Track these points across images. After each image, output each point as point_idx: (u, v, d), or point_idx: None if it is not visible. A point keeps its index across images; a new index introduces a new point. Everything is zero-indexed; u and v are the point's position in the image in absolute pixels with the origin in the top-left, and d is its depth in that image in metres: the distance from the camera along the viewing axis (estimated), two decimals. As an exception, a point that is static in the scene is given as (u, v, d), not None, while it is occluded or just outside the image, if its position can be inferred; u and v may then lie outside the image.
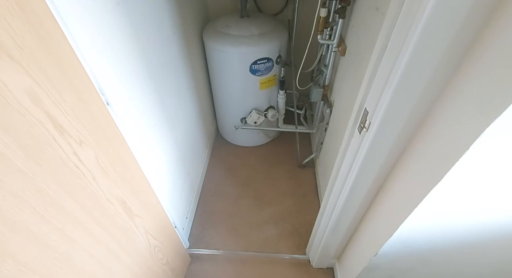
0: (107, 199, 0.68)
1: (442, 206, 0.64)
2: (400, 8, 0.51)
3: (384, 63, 0.58)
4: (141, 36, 0.90)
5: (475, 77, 0.48)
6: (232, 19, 1.49)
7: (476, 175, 0.55)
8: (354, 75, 1.09)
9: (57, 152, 0.52)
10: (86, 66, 0.59)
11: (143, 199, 0.88)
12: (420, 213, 0.66)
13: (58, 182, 0.53)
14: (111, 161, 0.69)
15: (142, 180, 0.87)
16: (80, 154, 0.58)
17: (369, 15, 0.95)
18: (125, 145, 0.76)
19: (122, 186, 0.75)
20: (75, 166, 0.57)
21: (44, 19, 0.47)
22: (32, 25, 0.44)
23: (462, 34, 0.47)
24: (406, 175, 0.70)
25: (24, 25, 0.42)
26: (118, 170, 0.72)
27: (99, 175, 0.64)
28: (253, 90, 1.58)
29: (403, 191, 0.71)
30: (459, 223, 0.70)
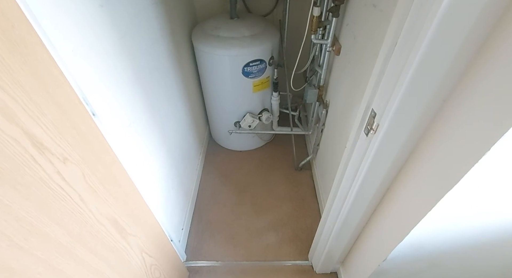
0: (97, 220, 0.62)
1: (456, 209, 0.62)
2: (411, 2, 0.48)
3: (394, 62, 0.54)
4: (128, 39, 0.83)
5: (494, 70, 0.45)
6: (221, 20, 1.45)
7: (493, 177, 0.53)
8: (351, 75, 1.06)
9: (37, 173, 0.45)
10: (68, 74, 0.52)
11: (136, 215, 0.81)
12: (433, 217, 0.63)
13: (39, 207, 0.47)
14: (100, 177, 0.62)
15: (135, 194, 0.81)
16: (65, 173, 0.51)
17: (365, 12, 0.93)
18: (115, 158, 0.69)
19: (114, 204, 0.68)
20: (59, 187, 0.50)
21: (16, 23, 0.40)
22: (2, 29, 0.38)
23: (480, 26, 0.44)
24: (416, 177, 0.67)
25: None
26: (108, 187, 0.65)
27: (87, 194, 0.58)
28: (246, 93, 1.54)
29: (414, 194, 0.68)
30: (472, 224, 0.68)
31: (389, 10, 0.75)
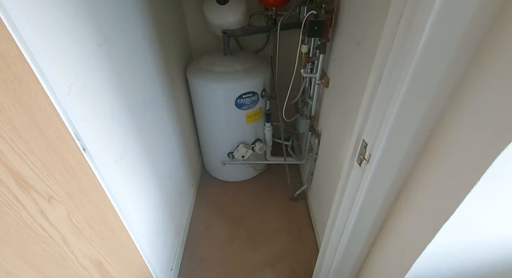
0: (79, 263, 0.57)
1: (455, 241, 0.60)
2: (392, 41, 0.52)
3: (380, 95, 0.57)
4: (123, 76, 0.86)
5: (474, 102, 0.47)
6: (215, 56, 1.52)
7: (487, 207, 0.53)
8: (340, 106, 1.10)
9: (18, 215, 0.43)
10: (60, 110, 0.53)
11: (122, 255, 0.76)
12: (433, 250, 0.61)
13: (17, 252, 0.43)
14: (87, 215, 0.59)
15: (122, 232, 0.76)
16: (48, 213, 0.48)
17: (350, 50, 0.99)
18: (104, 194, 0.67)
19: (98, 243, 0.64)
20: (41, 229, 0.47)
21: (12, 62, 0.41)
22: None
23: (457, 63, 0.48)
24: (412, 207, 0.66)
25: (-13, 70, 0.37)
26: (94, 226, 0.62)
27: (71, 234, 0.54)
28: (240, 124, 1.56)
29: (412, 225, 0.67)
30: (471, 257, 0.66)
31: (372, 48, 0.81)
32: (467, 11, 0.42)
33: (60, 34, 0.57)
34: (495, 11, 0.42)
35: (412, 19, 0.47)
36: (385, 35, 0.53)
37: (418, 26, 0.45)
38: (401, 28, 0.49)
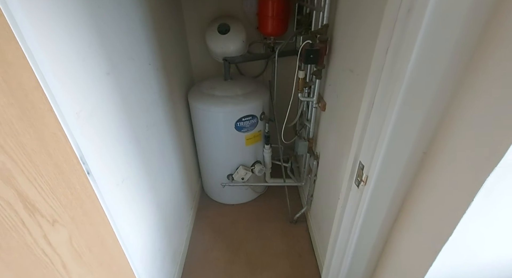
0: (77, 290, 0.56)
1: (455, 263, 0.60)
2: (381, 70, 0.56)
3: (373, 120, 0.60)
4: (129, 101, 0.90)
5: (462, 126, 0.50)
6: (216, 81, 1.58)
7: (484, 227, 0.53)
8: (337, 128, 1.14)
9: (23, 238, 0.43)
10: (69, 135, 0.55)
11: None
12: (435, 273, 0.61)
13: (18, 276, 0.43)
14: (87, 240, 0.59)
15: (120, 258, 0.75)
16: (51, 237, 0.49)
17: (343, 76, 1.05)
18: (105, 218, 0.67)
19: (97, 269, 0.63)
20: (43, 253, 0.47)
21: (31, 92, 0.44)
22: (17, 98, 0.41)
23: (444, 86, 0.51)
24: (411, 229, 0.67)
25: (8, 99, 0.39)
26: (94, 250, 0.62)
27: (71, 260, 0.54)
28: (239, 147, 1.59)
29: (412, 247, 0.67)
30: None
31: (364, 74, 0.86)
32: (448, 43, 0.47)
33: (74, 64, 0.61)
34: (475, 43, 0.46)
35: (398, 51, 0.51)
36: (374, 65, 0.58)
37: (403, 57, 0.50)
38: (388, 59, 0.54)
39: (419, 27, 0.45)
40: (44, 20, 0.52)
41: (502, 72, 0.41)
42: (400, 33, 0.49)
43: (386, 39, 0.53)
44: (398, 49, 0.51)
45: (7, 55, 0.39)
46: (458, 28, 0.44)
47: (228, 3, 1.60)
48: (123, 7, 0.88)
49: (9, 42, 0.40)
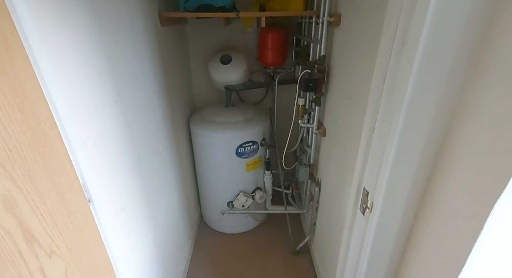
0: None
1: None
2: (379, 97, 0.58)
3: (375, 146, 0.61)
4: (133, 128, 0.91)
5: (465, 148, 0.51)
6: (217, 108, 1.63)
7: (496, 258, 0.52)
8: (338, 154, 1.14)
9: (18, 271, 0.41)
10: (74, 162, 0.55)
11: (114, 320, 0.69)
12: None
13: (9, 314, 0.40)
14: (83, 272, 0.56)
15: (116, 292, 0.71)
16: (47, 269, 0.47)
17: (342, 103, 1.09)
18: (103, 249, 0.65)
19: (92, 305, 0.59)
20: (38, 287, 0.45)
21: (43, 120, 0.46)
22: (29, 126, 0.42)
23: (442, 114, 0.53)
24: (422, 258, 0.64)
25: (21, 128, 0.41)
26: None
27: (66, 294, 0.51)
28: (240, 173, 1.58)
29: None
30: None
31: (362, 102, 0.89)
32: (443, 72, 0.49)
33: (84, 92, 0.64)
34: (468, 70, 0.49)
35: (395, 80, 0.54)
36: (373, 93, 0.60)
37: (400, 86, 0.52)
38: (386, 88, 0.56)
39: (413, 59, 0.48)
40: (60, 52, 0.55)
41: (502, 91, 0.43)
42: (396, 64, 0.52)
43: (382, 69, 0.56)
44: (395, 78, 0.54)
45: (25, 87, 0.41)
46: (451, 60, 0.47)
47: (231, 36, 1.70)
48: (134, 41, 0.94)
49: (28, 75, 0.43)
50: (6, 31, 0.38)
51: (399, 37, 0.49)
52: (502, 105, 0.42)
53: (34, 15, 0.47)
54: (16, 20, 0.42)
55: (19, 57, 0.41)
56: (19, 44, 0.40)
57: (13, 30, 0.40)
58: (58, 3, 0.55)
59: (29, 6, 0.45)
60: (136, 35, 0.96)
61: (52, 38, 0.53)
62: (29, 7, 0.45)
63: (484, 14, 0.43)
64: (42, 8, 0.50)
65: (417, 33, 0.46)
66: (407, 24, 0.47)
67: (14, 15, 0.42)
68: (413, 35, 0.47)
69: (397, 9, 0.49)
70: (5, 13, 0.39)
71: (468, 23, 0.44)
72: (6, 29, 0.38)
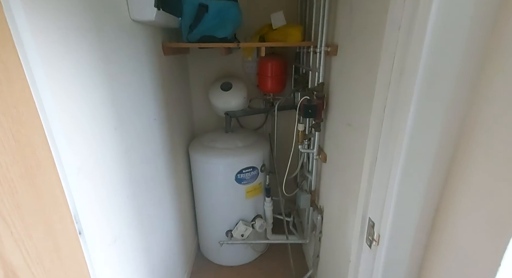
0: None
1: None
2: (381, 125, 0.58)
3: (378, 174, 0.59)
4: (131, 155, 0.90)
5: (471, 176, 0.49)
6: (217, 134, 1.63)
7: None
8: (340, 181, 1.12)
9: (-6, 316, 0.37)
10: (67, 191, 0.53)
11: None
12: None
13: None
14: (67, 315, 0.51)
15: None
16: (27, 313, 0.42)
17: (342, 129, 1.09)
18: (91, 286, 0.60)
19: None
20: None
21: (38, 149, 0.45)
22: (23, 156, 0.41)
23: (447, 141, 0.52)
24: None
25: (14, 157, 0.39)
26: (72, 329, 0.53)
27: None
28: (239, 199, 1.53)
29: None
30: None
31: (362, 128, 0.89)
32: (444, 100, 0.49)
33: (84, 120, 0.63)
34: (470, 91, 0.49)
35: (395, 109, 0.54)
36: (374, 121, 0.60)
37: (401, 114, 0.52)
38: (387, 116, 0.56)
39: (413, 88, 0.48)
40: (63, 80, 0.56)
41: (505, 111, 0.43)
42: (395, 92, 0.52)
43: (382, 98, 0.56)
44: (395, 106, 0.54)
45: (23, 115, 0.41)
46: (452, 87, 0.48)
47: (231, 65, 1.76)
48: (137, 69, 0.96)
49: (27, 104, 0.42)
50: (9, 60, 0.39)
51: (397, 67, 0.50)
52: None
53: (39, 44, 0.48)
54: (20, 50, 0.42)
55: (19, 86, 0.41)
56: (21, 73, 0.41)
57: (16, 60, 0.40)
58: (64, 33, 0.57)
59: (35, 37, 0.46)
60: (139, 64, 0.99)
61: (56, 66, 0.54)
62: (35, 37, 0.46)
63: (482, 40, 0.44)
64: (47, 37, 0.51)
65: (415, 63, 0.47)
66: (404, 54, 0.48)
67: (19, 44, 0.42)
68: (411, 65, 0.48)
69: (394, 40, 0.51)
70: (10, 43, 0.40)
71: (467, 50, 0.45)
72: (10, 59, 0.39)
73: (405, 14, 0.49)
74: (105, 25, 0.75)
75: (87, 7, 0.66)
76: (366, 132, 0.79)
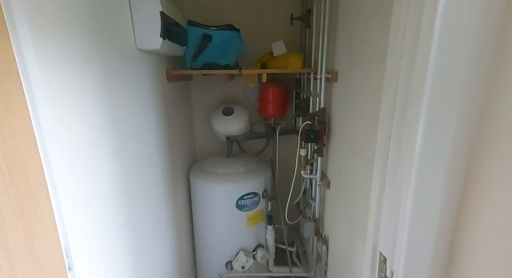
0: None
1: None
2: (387, 153, 0.56)
3: (387, 204, 0.57)
4: (130, 182, 0.87)
5: (485, 206, 0.46)
6: (218, 159, 1.61)
7: None
8: (345, 209, 1.07)
9: None
10: (59, 223, 0.50)
11: None
12: None
13: None
14: None
15: None
16: None
17: (345, 155, 1.07)
18: None
19: None
20: None
21: (32, 179, 0.43)
22: (16, 186, 0.39)
23: (455, 170, 0.50)
24: None
25: (6, 188, 0.37)
26: None
27: None
28: (240, 228, 1.47)
29: None
30: None
31: (366, 155, 0.87)
32: (451, 126, 0.48)
33: (83, 148, 0.62)
34: (478, 118, 0.48)
35: (401, 137, 0.53)
36: (379, 149, 0.59)
37: (408, 142, 0.50)
38: (393, 144, 0.55)
39: (418, 117, 0.47)
40: (65, 109, 0.56)
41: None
42: (400, 122, 0.51)
43: (387, 127, 0.55)
44: (401, 135, 0.52)
45: (20, 144, 0.40)
46: (459, 114, 0.47)
47: (233, 90, 1.79)
48: (140, 95, 0.97)
49: (25, 133, 0.41)
50: (12, 91, 0.38)
51: (401, 96, 0.50)
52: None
53: (44, 74, 0.48)
54: (25, 80, 0.42)
55: (20, 116, 0.40)
56: (22, 104, 0.40)
57: (20, 90, 0.40)
58: (70, 63, 0.58)
59: (40, 67, 0.47)
60: (143, 91, 1.01)
61: (59, 95, 0.54)
62: (40, 67, 0.47)
63: (487, 65, 0.44)
64: (53, 67, 0.51)
65: (419, 92, 0.46)
66: (407, 84, 0.48)
67: (24, 75, 0.43)
68: (415, 94, 0.47)
69: (396, 69, 0.51)
70: (15, 74, 0.40)
71: (473, 76, 0.45)
72: (13, 90, 0.38)
73: (406, 43, 0.49)
74: (111, 54, 0.77)
75: (93, 37, 0.68)
76: (371, 159, 0.77)
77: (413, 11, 0.46)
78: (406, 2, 0.47)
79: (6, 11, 0.41)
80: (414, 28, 0.47)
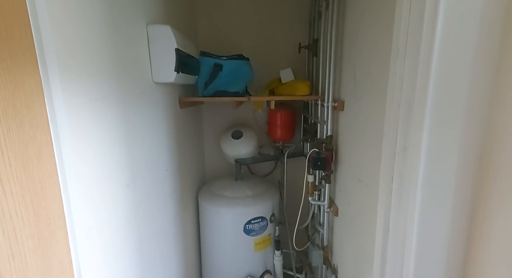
0: None
1: None
2: (390, 195, 0.57)
3: (392, 248, 0.57)
4: (140, 210, 0.91)
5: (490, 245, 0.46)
6: (226, 181, 1.63)
7: None
8: (354, 239, 1.06)
9: None
10: (74, 259, 0.53)
11: None
12: None
13: None
14: None
15: None
16: None
17: (352, 184, 1.07)
18: None
19: None
20: None
21: (53, 221, 0.46)
22: (39, 229, 0.43)
23: (462, 206, 0.50)
24: None
25: (31, 231, 0.41)
26: None
27: None
28: (248, 253, 1.46)
29: None
30: None
31: (374, 187, 0.87)
32: (452, 168, 0.49)
33: (100, 181, 0.66)
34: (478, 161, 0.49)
35: (403, 180, 0.54)
36: (382, 192, 0.60)
37: (410, 184, 0.51)
38: (395, 186, 0.56)
39: (418, 163, 0.49)
40: (87, 148, 0.60)
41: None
42: (401, 166, 0.53)
43: (388, 169, 0.57)
44: (402, 179, 0.54)
45: (46, 189, 0.44)
46: (458, 160, 0.48)
47: (242, 115, 1.84)
48: (154, 123, 1.02)
49: (51, 179, 0.46)
50: (43, 143, 0.43)
51: (401, 142, 0.51)
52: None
53: (70, 120, 0.53)
54: (53, 129, 0.47)
55: (47, 163, 0.44)
56: (50, 153, 0.45)
57: (49, 141, 0.45)
58: (94, 105, 0.63)
59: (67, 113, 0.52)
60: (157, 120, 1.06)
61: (80, 133, 0.58)
62: (67, 114, 0.52)
63: (482, 110, 0.46)
64: (78, 112, 0.56)
65: (417, 139, 0.48)
66: (406, 131, 0.50)
67: (53, 124, 0.47)
68: (414, 141, 0.49)
69: (395, 116, 0.53)
70: (46, 126, 0.45)
71: (469, 122, 0.46)
72: (43, 142, 0.43)
73: (403, 92, 0.52)
74: (130, 90, 0.83)
75: (115, 75, 0.73)
76: (377, 190, 0.77)
77: (409, 65, 0.49)
78: (402, 56, 0.50)
79: (40, 60, 0.45)
80: (411, 79, 0.49)
